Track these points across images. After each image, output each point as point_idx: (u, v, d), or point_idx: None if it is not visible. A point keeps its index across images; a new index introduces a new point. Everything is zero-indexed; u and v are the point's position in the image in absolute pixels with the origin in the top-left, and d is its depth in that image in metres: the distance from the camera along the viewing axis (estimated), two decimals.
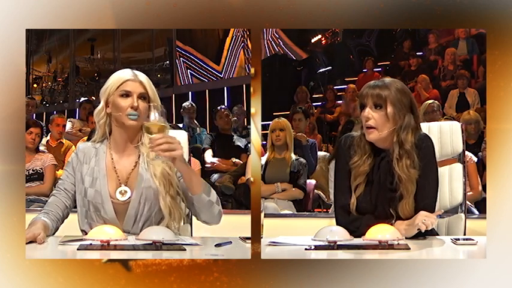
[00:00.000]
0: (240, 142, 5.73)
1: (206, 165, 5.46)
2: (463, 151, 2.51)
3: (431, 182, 2.14)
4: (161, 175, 2.12)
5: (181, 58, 9.90)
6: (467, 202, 3.81)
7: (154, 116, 1.98)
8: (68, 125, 6.34)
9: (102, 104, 2.16)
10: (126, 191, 2.13)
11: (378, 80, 2.18)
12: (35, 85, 11.71)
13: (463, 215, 2.46)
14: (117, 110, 2.12)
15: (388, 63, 8.85)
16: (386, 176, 2.13)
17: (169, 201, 2.11)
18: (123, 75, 2.15)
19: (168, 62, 10.39)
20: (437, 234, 2.24)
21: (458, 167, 2.50)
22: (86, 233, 2.03)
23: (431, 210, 2.08)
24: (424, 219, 1.98)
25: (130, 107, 2.10)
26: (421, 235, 2.05)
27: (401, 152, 2.10)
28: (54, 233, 2.12)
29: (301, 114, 5.51)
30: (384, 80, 2.16)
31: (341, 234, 1.87)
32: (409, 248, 1.86)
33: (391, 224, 2.03)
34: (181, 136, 2.47)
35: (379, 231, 1.87)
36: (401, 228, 2.00)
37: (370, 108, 2.11)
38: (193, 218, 2.40)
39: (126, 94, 2.12)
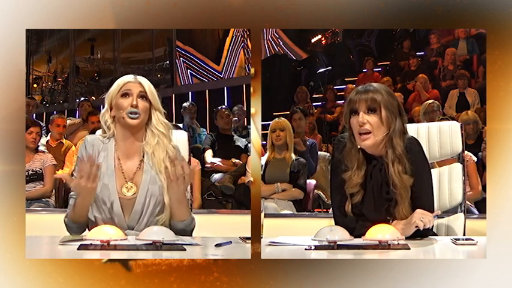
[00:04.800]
0: (240, 142, 5.73)
1: (206, 165, 5.46)
2: (463, 151, 2.51)
3: (427, 183, 2.14)
4: (166, 172, 2.15)
5: (181, 58, 9.91)
6: (467, 202, 3.82)
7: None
8: (69, 122, 6.35)
9: (106, 107, 2.25)
10: (132, 187, 2.19)
11: (364, 85, 2.16)
12: (35, 85, 11.71)
13: (462, 215, 2.46)
14: (118, 110, 2.21)
15: (388, 63, 8.85)
16: (380, 185, 2.12)
17: None
18: (124, 78, 2.26)
19: (168, 62, 10.39)
20: (436, 235, 2.24)
21: (457, 166, 2.51)
22: (95, 220, 2.13)
23: (431, 210, 2.08)
24: (422, 218, 1.98)
25: (130, 106, 2.18)
26: (417, 236, 2.04)
27: (393, 157, 2.09)
28: (84, 230, 2.18)
29: (300, 113, 5.50)
30: (372, 85, 2.15)
31: (341, 234, 1.87)
32: (409, 248, 1.85)
33: (388, 223, 2.02)
34: (181, 136, 2.48)
35: (379, 231, 1.87)
36: (398, 227, 1.99)
37: (364, 113, 2.09)
38: None
39: (126, 93, 2.21)
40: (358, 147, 2.13)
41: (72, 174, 4.64)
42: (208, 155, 5.56)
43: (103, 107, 2.29)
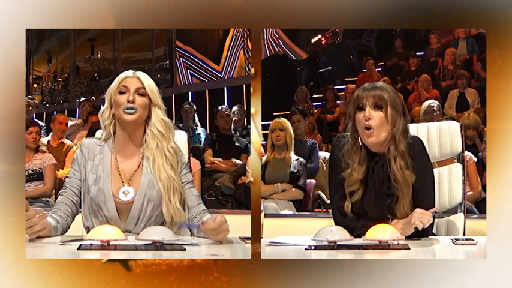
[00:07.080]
0: (240, 142, 5.73)
1: (206, 165, 5.46)
2: (463, 151, 2.51)
3: (429, 182, 2.15)
4: (165, 179, 2.13)
5: (181, 58, 9.90)
6: (467, 202, 3.82)
7: None
8: (70, 123, 6.36)
9: (106, 104, 2.20)
10: (129, 191, 2.14)
11: (370, 83, 2.17)
12: (35, 85, 11.71)
13: (462, 215, 2.46)
14: (116, 107, 2.16)
15: (388, 63, 8.85)
16: (381, 181, 2.13)
17: (173, 207, 2.12)
18: (123, 74, 2.20)
19: (168, 62, 10.39)
20: (435, 235, 2.24)
21: (457, 167, 2.51)
22: (90, 230, 2.04)
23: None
24: (421, 218, 1.98)
25: (127, 101, 2.13)
26: (417, 235, 2.04)
27: (396, 153, 2.10)
28: (66, 230, 2.13)
29: (299, 115, 5.47)
30: (378, 83, 2.17)
31: (341, 234, 1.87)
32: (409, 248, 1.86)
33: (388, 223, 2.03)
34: (181, 136, 2.48)
35: (379, 231, 1.87)
36: (397, 227, 1.99)
37: (371, 109, 2.10)
38: None
39: (123, 90, 2.16)
40: (361, 143, 2.13)
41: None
42: (208, 155, 5.56)
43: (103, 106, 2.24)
